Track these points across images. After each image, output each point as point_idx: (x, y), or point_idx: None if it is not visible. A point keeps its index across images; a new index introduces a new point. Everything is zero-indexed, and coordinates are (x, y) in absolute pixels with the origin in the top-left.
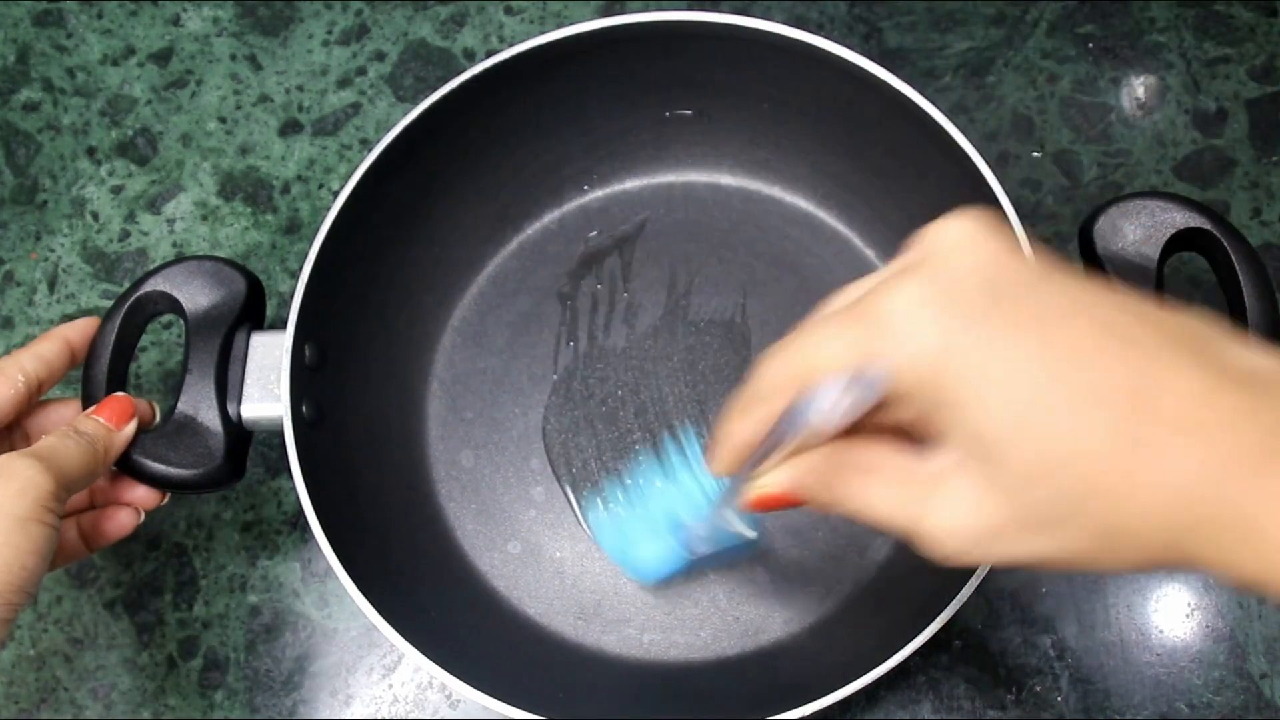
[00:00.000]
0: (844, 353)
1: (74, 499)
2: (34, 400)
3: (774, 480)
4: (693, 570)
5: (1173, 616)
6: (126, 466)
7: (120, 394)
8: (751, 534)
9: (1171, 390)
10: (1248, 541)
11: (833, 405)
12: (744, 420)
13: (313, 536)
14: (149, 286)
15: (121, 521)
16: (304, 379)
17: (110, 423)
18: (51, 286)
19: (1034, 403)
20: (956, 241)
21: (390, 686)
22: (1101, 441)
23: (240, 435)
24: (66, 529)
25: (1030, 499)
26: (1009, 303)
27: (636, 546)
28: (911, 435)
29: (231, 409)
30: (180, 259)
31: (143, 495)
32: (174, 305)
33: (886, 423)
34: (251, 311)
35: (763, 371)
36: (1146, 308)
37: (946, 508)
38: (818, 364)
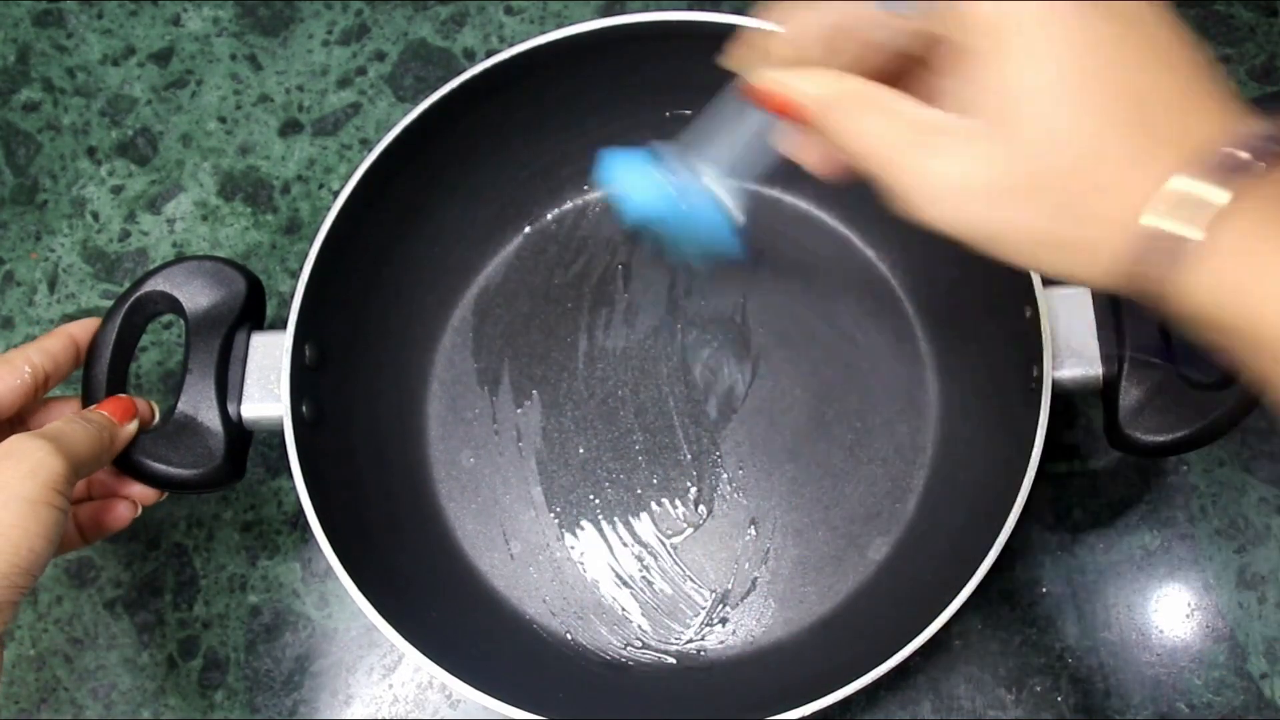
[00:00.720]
0: None
1: (120, 483)
2: (39, 394)
3: (798, 79)
4: (670, 240)
5: (1172, 617)
6: (127, 466)
7: (121, 394)
8: (739, 217)
9: (1197, 136)
10: (1211, 272)
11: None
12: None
13: (313, 536)
14: (149, 286)
15: (119, 514)
16: (304, 379)
17: (113, 418)
18: (52, 286)
19: (1081, 82)
20: None
21: (390, 686)
22: (1115, 134)
23: (240, 435)
24: (119, 500)
25: (1029, 166)
26: None
27: (632, 172)
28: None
29: (232, 409)
30: (180, 259)
31: (140, 490)
32: (174, 305)
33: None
34: (252, 311)
35: None
36: (1187, 39)
37: (939, 156)
38: None
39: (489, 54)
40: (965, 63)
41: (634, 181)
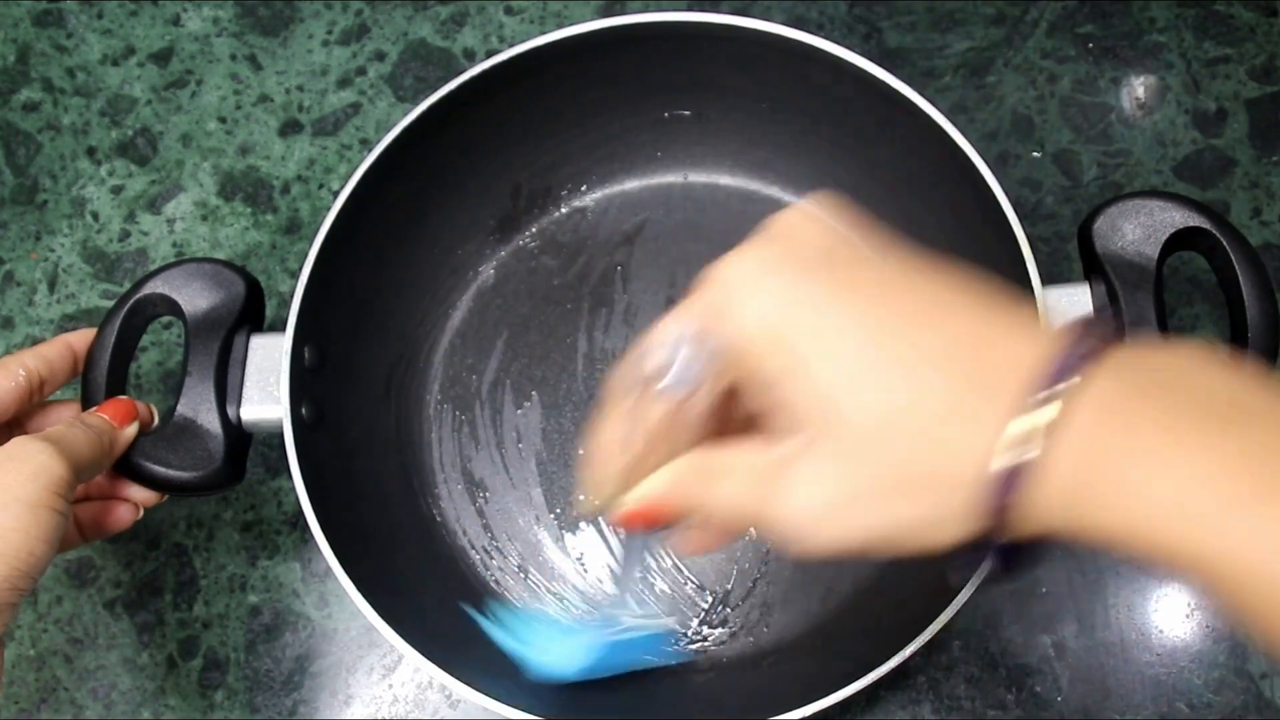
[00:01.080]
0: (688, 322)
1: (121, 485)
2: (35, 399)
3: (646, 489)
4: (606, 680)
5: (1173, 616)
6: (127, 469)
7: (121, 397)
8: (667, 620)
9: (999, 350)
10: (1102, 486)
11: (666, 359)
12: (608, 422)
13: (312, 536)
14: (148, 289)
15: (120, 516)
16: (304, 381)
17: (113, 421)
18: (51, 286)
19: (870, 358)
20: (795, 221)
21: (390, 687)
22: (934, 397)
23: (240, 437)
24: (121, 502)
25: (873, 461)
26: (844, 268)
27: (540, 643)
28: (766, 430)
29: (231, 411)
30: (179, 261)
31: (141, 493)
32: (173, 308)
33: (740, 417)
34: (251, 313)
35: (615, 375)
36: (970, 280)
37: (792, 489)
38: (664, 338)
39: (489, 54)
40: (774, 388)
41: (552, 646)
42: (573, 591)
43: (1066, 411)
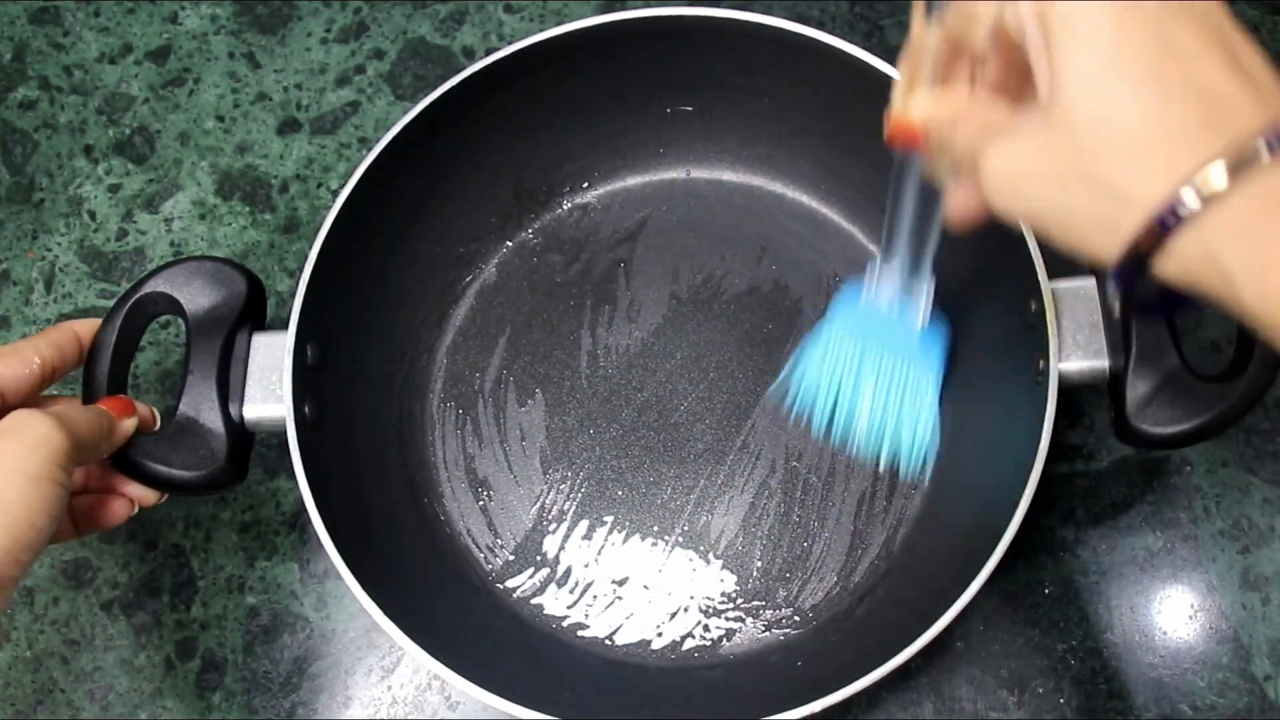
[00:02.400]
0: None
1: (117, 479)
2: (44, 386)
3: (917, 104)
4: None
5: (1176, 618)
6: (128, 467)
7: (121, 395)
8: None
9: (1232, 104)
10: (1267, 240)
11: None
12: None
13: (311, 537)
14: (149, 287)
15: (115, 510)
16: (306, 379)
17: (112, 413)
18: (49, 286)
19: (1118, 65)
20: None
21: (389, 688)
22: (1160, 120)
23: (242, 436)
24: (116, 497)
25: (1076, 149)
26: None
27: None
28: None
29: (233, 410)
30: (180, 259)
31: (140, 491)
32: (174, 306)
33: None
34: (252, 312)
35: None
36: (1259, 50)
37: (1005, 147)
38: None
39: (488, 52)
40: (1037, 60)
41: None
42: (577, 590)
43: (1245, 182)
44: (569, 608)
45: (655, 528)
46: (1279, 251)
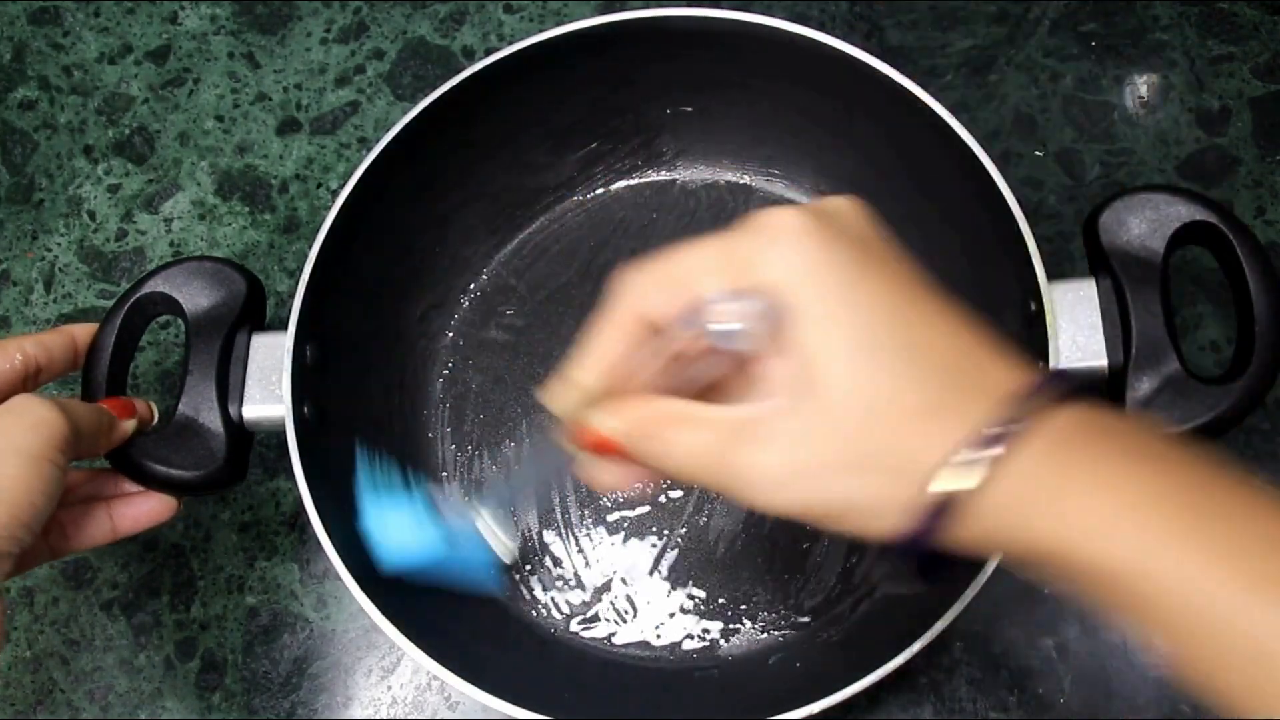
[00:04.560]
0: (721, 261)
1: (103, 485)
2: (28, 385)
3: (605, 419)
4: (432, 583)
5: None
6: (129, 467)
7: (121, 396)
8: (508, 551)
9: (985, 375)
10: (1032, 510)
11: (720, 316)
12: (601, 344)
13: (311, 537)
14: (149, 288)
15: (96, 529)
16: (305, 379)
17: (111, 412)
18: (48, 286)
19: (873, 342)
20: (839, 204)
21: (389, 688)
22: (919, 397)
23: (241, 436)
24: (97, 514)
25: (845, 438)
26: (876, 255)
27: (393, 526)
28: (726, 397)
29: (233, 410)
30: (180, 260)
31: (151, 506)
32: (174, 306)
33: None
34: (252, 312)
35: (621, 289)
36: (963, 310)
37: (762, 447)
38: (688, 277)
39: (488, 52)
40: (767, 354)
41: (398, 530)
42: (577, 592)
43: (1017, 445)
44: (568, 608)
45: (655, 528)
46: (1059, 502)
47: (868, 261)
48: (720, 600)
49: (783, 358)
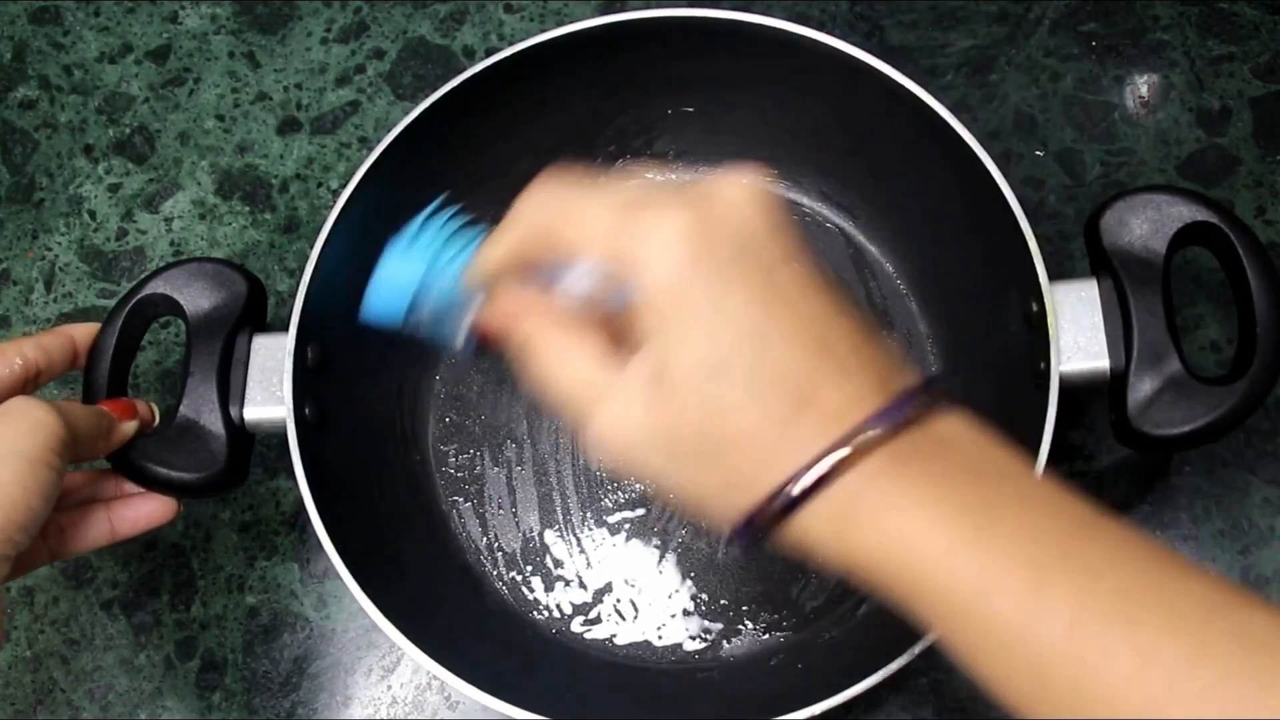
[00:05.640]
0: (603, 241)
1: (102, 487)
2: (28, 388)
3: (495, 308)
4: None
5: None
6: (129, 469)
7: (122, 398)
8: (457, 345)
9: (836, 388)
10: (853, 522)
11: (578, 283)
12: (497, 246)
13: (311, 537)
14: (149, 289)
15: (152, 511)
16: (307, 381)
17: (112, 414)
18: (49, 285)
19: (724, 360)
20: (735, 197)
21: (389, 688)
22: (764, 416)
23: (242, 438)
24: (96, 516)
25: (680, 434)
26: (751, 265)
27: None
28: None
29: (234, 412)
30: (180, 261)
31: (152, 508)
32: (175, 308)
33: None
34: (252, 313)
35: (529, 204)
36: (849, 309)
37: (615, 408)
38: (576, 237)
39: (488, 52)
40: (638, 326)
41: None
42: (577, 593)
43: (847, 464)
44: (570, 609)
45: (656, 529)
46: (878, 515)
47: (741, 274)
48: (722, 601)
49: (646, 343)
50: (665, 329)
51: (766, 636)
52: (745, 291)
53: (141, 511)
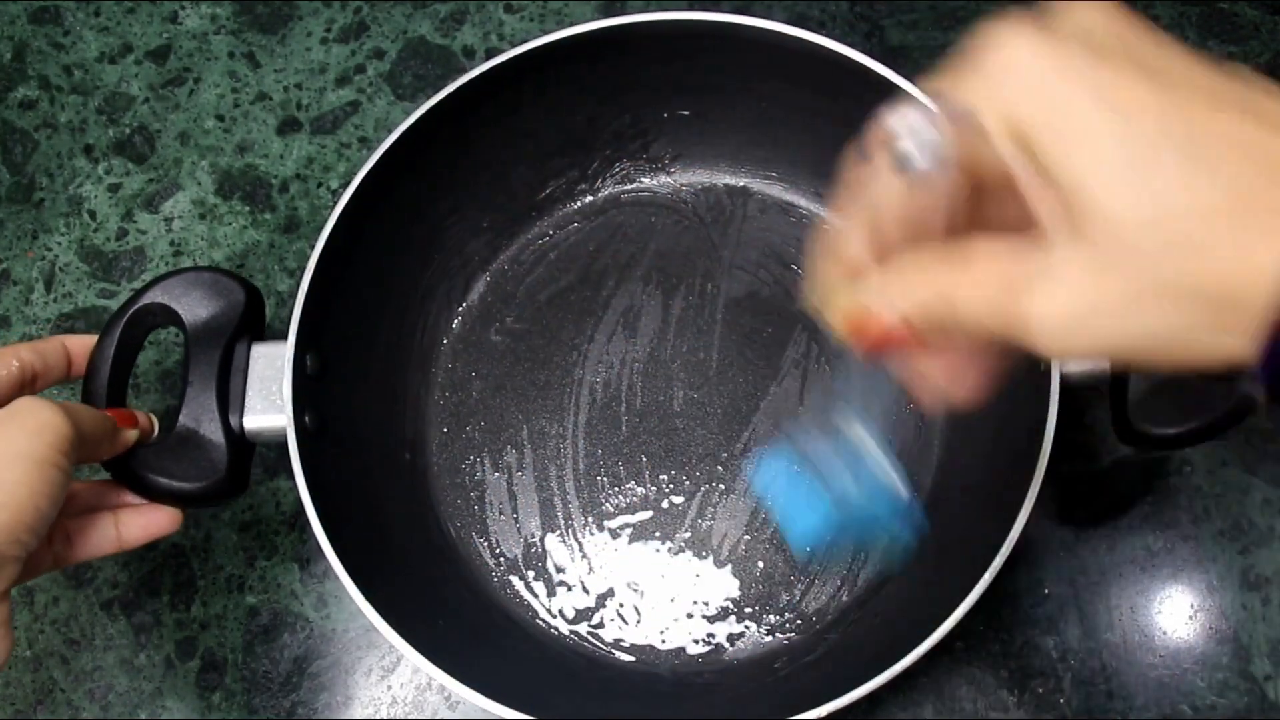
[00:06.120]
0: (945, 91)
1: (108, 495)
2: (25, 392)
3: (884, 300)
4: (844, 543)
5: (1176, 618)
6: (130, 479)
7: (121, 408)
8: (902, 491)
9: None
10: None
11: (918, 129)
12: (846, 214)
13: (311, 537)
14: (147, 299)
15: (158, 520)
16: (306, 388)
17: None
18: (48, 285)
19: (1149, 150)
20: (1090, 16)
21: (389, 688)
22: (1216, 198)
23: (243, 447)
24: (103, 523)
25: (1136, 268)
26: (1124, 55)
27: (793, 506)
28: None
29: (233, 421)
30: (178, 270)
31: (158, 518)
32: (173, 317)
33: (990, 222)
34: (251, 322)
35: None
36: (1260, 89)
37: (1050, 290)
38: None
39: (488, 52)
40: (1029, 181)
41: (795, 514)
42: (576, 595)
43: None
44: (572, 613)
45: (658, 533)
46: None
47: (1112, 61)
48: (724, 604)
49: (1043, 190)
50: (1065, 154)
51: (770, 639)
52: (1138, 78)
53: (150, 519)
